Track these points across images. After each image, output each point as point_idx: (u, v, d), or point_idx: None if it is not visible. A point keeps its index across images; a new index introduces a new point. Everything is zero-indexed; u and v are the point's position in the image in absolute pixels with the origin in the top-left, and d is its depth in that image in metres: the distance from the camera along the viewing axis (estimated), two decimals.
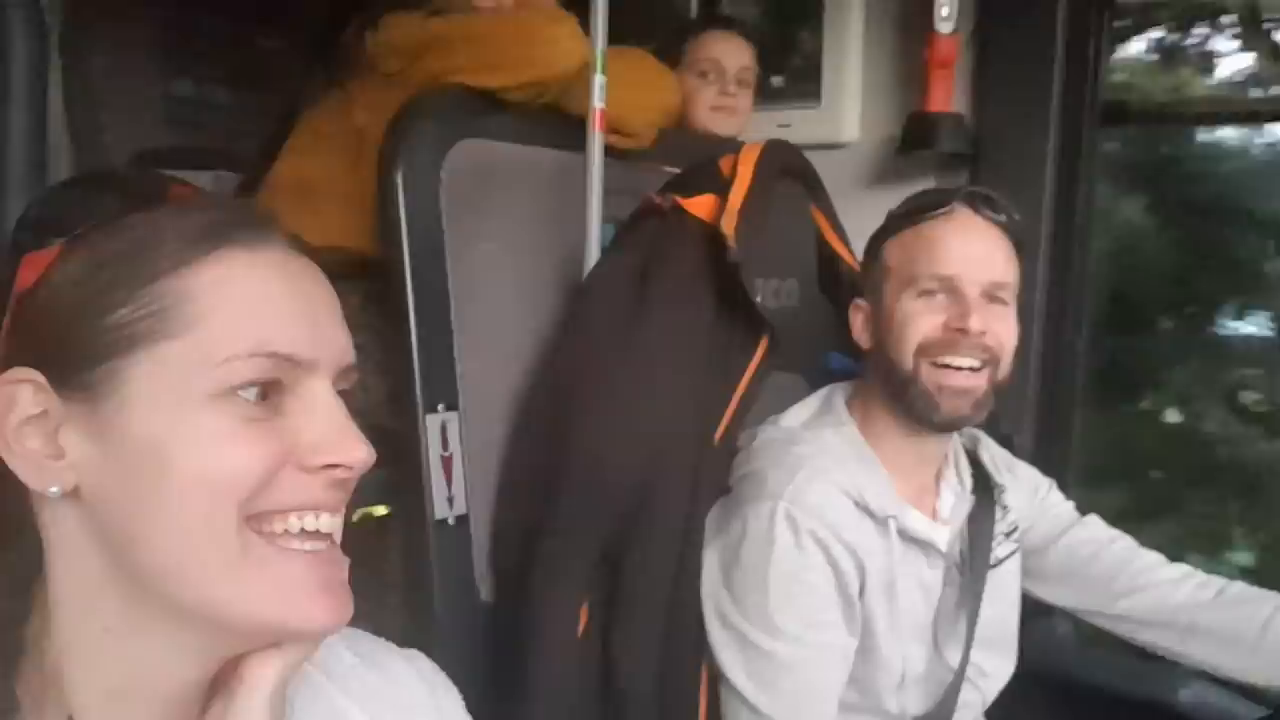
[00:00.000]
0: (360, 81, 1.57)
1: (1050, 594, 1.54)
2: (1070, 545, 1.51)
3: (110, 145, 1.86)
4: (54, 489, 0.63)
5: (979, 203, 1.33)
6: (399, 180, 1.41)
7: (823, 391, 1.44)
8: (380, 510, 1.69)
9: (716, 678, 1.33)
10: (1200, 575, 1.46)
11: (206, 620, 0.64)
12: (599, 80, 1.45)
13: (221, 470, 0.62)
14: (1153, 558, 1.48)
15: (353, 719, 0.77)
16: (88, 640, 0.66)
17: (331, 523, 0.66)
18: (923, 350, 1.30)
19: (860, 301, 1.41)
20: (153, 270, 0.63)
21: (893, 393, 1.34)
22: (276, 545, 0.64)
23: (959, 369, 1.30)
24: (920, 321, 1.31)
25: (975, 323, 1.28)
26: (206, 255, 0.64)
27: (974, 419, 1.35)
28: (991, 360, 1.31)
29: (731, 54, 1.99)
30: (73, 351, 0.63)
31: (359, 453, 0.65)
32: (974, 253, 1.32)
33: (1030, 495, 1.54)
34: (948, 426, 1.35)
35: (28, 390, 0.63)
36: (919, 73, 1.95)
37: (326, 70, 1.67)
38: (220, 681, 0.68)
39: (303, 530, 0.65)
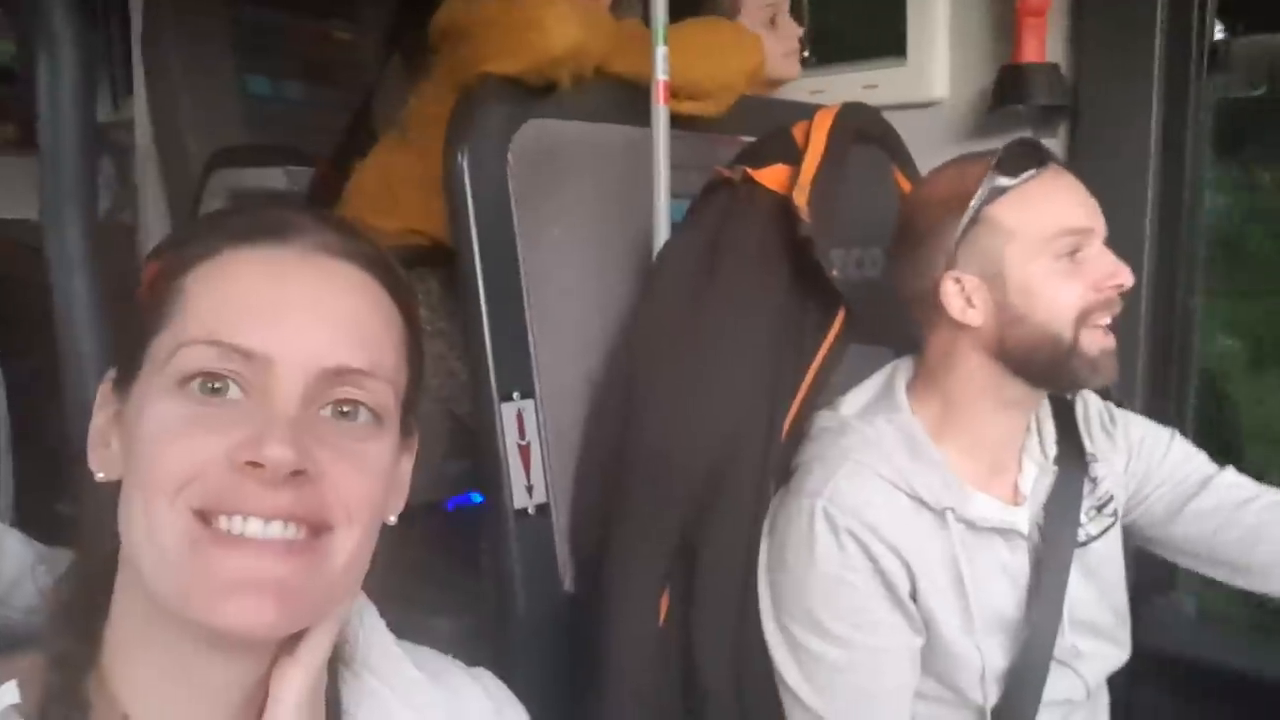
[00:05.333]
0: (426, 69, 1.58)
1: (1191, 565, 1.41)
2: (1198, 514, 1.36)
3: (190, 144, 1.89)
4: (100, 474, 0.68)
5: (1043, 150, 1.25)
6: (465, 164, 1.39)
7: (884, 371, 1.35)
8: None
9: None
10: None
11: (171, 618, 0.63)
12: (661, 52, 1.40)
13: (164, 462, 0.62)
14: None
15: None
16: (133, 634, 0.67)
17: (271, 529, 0.63)
18: (1084, 316, 1.21)
19: (957, 274, 1.25)
20: (172, 274, 0.67)
21: (1040, 366, 1.23)
22: (220, 542, 0.62)
23: (1109, 327, 1.22)
24: (1074, 284, 1.20)
25: (1130, 274, 1.20)
26: (212, 257, 0.67)
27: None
28: None
29: None
30: (124, 350, 0.69)
31: (272, 450, 0.61)
32: (1087, 199, 1.24)
33: (1133, 458, 1.40)
34: (1100, 386, 1.27)
35: (107, 388, 0.70)
36: (1010, 23, 1.85)
37: (406, 62, 1.68)
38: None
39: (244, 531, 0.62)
